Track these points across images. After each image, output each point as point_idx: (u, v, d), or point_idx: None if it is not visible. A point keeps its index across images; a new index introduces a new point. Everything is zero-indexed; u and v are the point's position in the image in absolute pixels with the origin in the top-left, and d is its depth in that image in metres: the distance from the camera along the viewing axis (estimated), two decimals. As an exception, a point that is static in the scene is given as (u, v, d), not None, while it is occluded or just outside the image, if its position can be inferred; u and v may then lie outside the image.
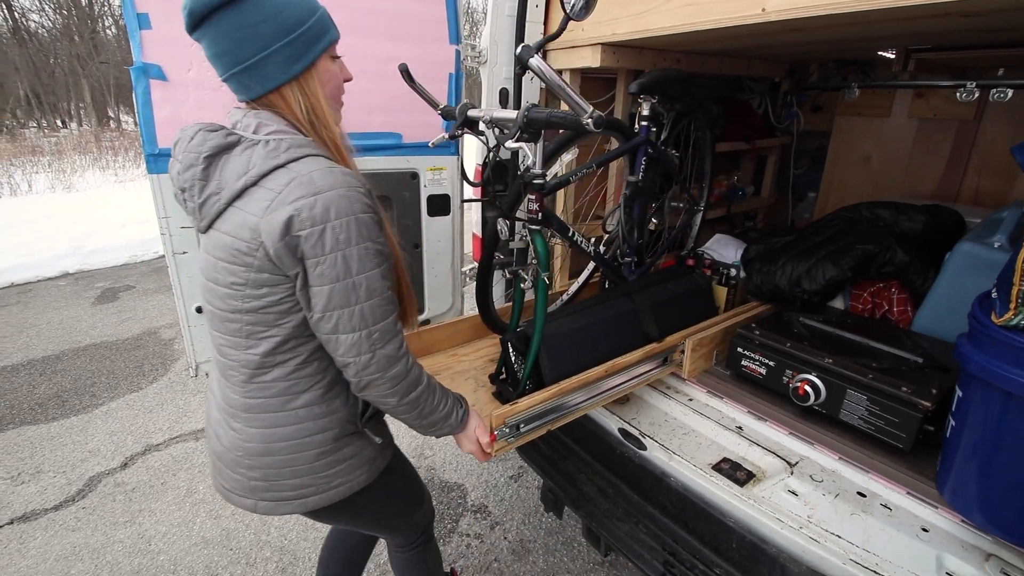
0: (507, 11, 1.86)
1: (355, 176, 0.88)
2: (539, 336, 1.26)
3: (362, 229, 0.85)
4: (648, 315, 1.49)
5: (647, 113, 1.59)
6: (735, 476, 1.27)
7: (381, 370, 0.90)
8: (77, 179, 9.71)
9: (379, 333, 0.88)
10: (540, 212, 1.20)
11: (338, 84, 0.97)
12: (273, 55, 0.86)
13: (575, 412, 1.32)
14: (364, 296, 0.86)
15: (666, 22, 1.54)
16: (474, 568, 1.92)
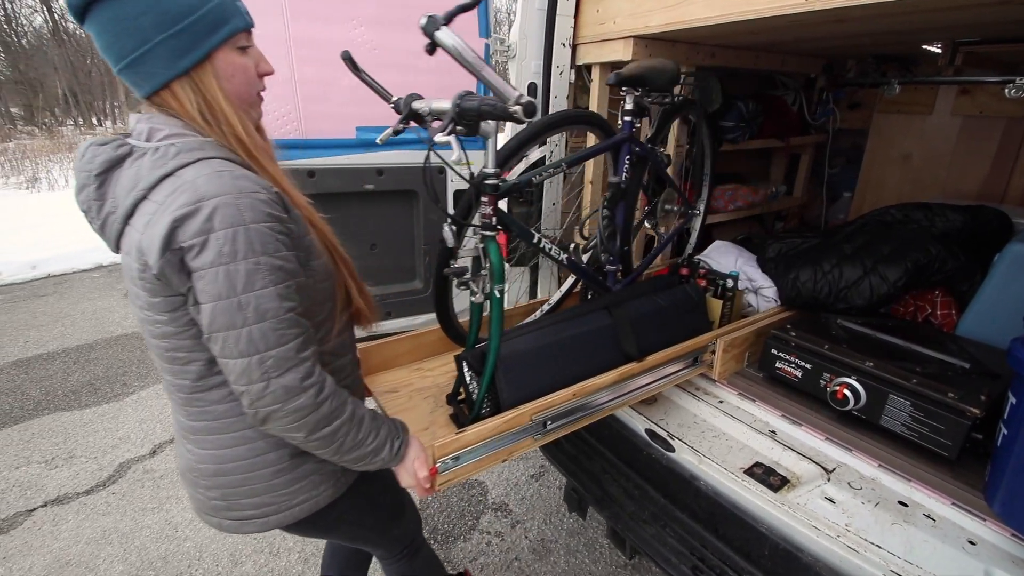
0: (537, 4, 1.84)
1: (255, 180, 0.78)
2: (495, 355, 1.13)
3: (252, 241, 0.75)
4: (627, 331, 1.33)
5: (630, 107, 1.47)
6: (768, 481, 1.23)
7: (278, 402, 0.79)
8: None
9: (273, 360, 0.78)
10: (494, 217, 1.10)
11: (248, 79, 0.86)
12: (155, 49, 0.77)
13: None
14: (253, 318, 0.76)
15: (703, 13, 1.50)
16: (495, 566, 1.90)
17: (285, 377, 0.79)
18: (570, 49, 1.93)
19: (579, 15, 1.90)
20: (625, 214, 1.54)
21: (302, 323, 0.82)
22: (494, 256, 1.09)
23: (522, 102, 0.86)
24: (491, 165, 1.06)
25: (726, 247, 1.93)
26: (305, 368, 0.81)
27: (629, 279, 1.64)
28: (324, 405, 0.83)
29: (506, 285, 1.14)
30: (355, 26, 1.60)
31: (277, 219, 0.78)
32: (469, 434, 1.02)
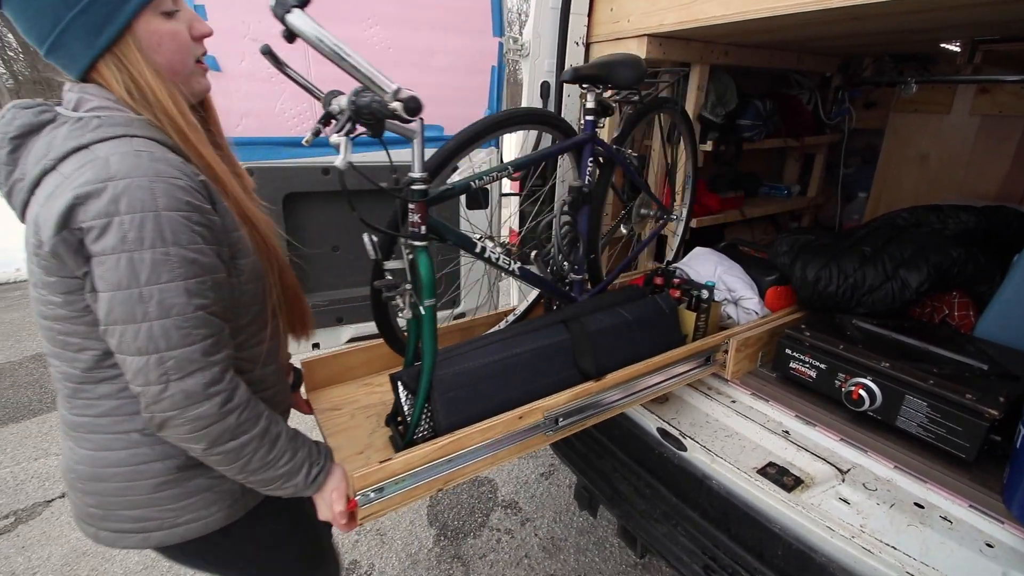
0: (551, 3, 1.84)
1: (176, 165, 0.72)
2: (428, 376, 1.04)
3: (163, 229, 0.68)
4: (585, 347, 1.22)
5: (592, 106, 1.39)
6: (782, 481, 1.22)
7: (176, 407, 0.72)
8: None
9: (175, 361, 0.71)
10: (423, 225, 1.01)
11: (180, 45, 0.78)
12: (70, 28, 0.71)
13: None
14: (155, 312, 0.69)
15: (718, 11, 1.50)
16: (505, 563, 1.91)
17: (187, 381, 0.72)
18: (583, 48, 1.93)
19: (593, 14, 1.91)
20: (590, 220, 1.45)
21: (214, 323, 0.75)
22: (423, 268, 1.01)
23: (402, 97, 0.79)
24: (418, 169, 0.97)
25: (706, 255, 1.81)
26: (212, 373, 0.74)
27: (597, 289, 1.55)
28: (231, 416, 0.76)
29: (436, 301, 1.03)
30: (370, 25, 1.61)
31: (196, 208, 0.72)
32: (395, 463, 0.91)
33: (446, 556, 1.94)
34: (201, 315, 0.73)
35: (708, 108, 1.96)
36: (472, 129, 1.20)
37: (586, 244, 1.46)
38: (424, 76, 1.72)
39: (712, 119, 1.96)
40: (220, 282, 0.77)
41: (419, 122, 0.90)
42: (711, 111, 1.96)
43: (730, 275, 1.70)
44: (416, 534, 2.05)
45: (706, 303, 1.49)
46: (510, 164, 1.24)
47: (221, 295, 0.77)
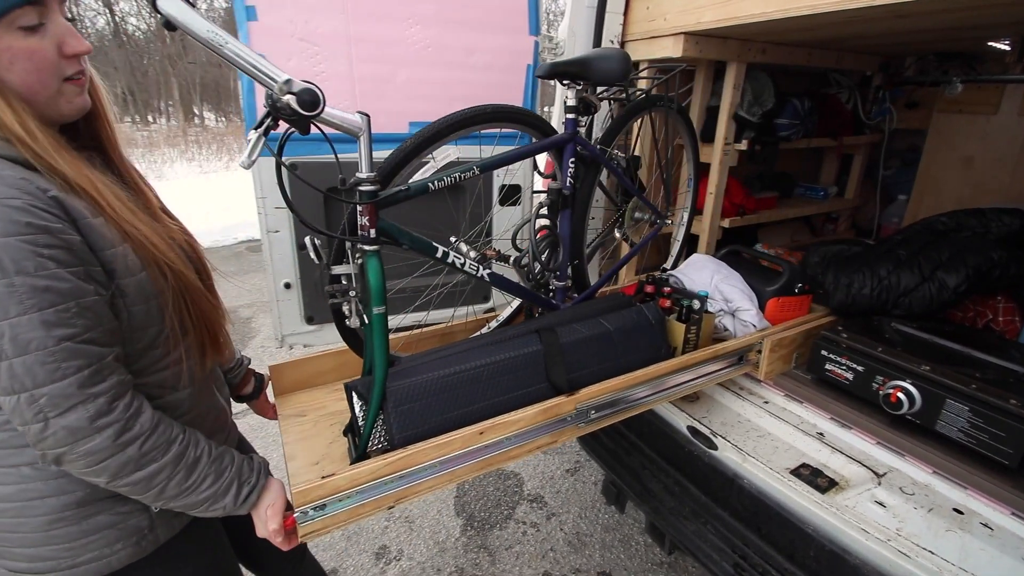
0: (587, 2, 1.86)
1: (12, 183, 0.64)
2: (380, 388, 0.98)
3: (3, 259, 0.61)
4: (557, 359, 1.14)
5: (573, 103, 1.31)
6: (815, 482, 1.22)
7: (63, 444, 0.67)
8: (167, 169, 10.52)
9: (47, 398, 0.65)
10: (372, 229, 0.96)
11: (39, 64, 0.69)
12: None
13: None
14: (11, 350, 0.63)
15: (758, 9, 1.49)
16: (530, 555, 1.93)
17: (68, 416, 0.67)
18: (618, 46, 1.94)
19: (628, 12, 1.91)
20: (572, 224, 1.38)
21: (88, 352, 0.68)
22: (372, 274, 0.96)
23: (294, 89, 0.72)
24: (365, 169, 0.92)
25: (703, 262, 1.70)
26: (96, 405, 0.68)
27: (582, 297, 1.49)
28: (131, 447, 0.71)
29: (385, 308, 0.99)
30: (411, 24, 1.65)
31: (42, 230, 0.64)
32: (339, 479, 0.86)
33: (472, 546, 1.98)
34: (67, 346, 0.66)
35: (744, 107, 1.94)
36: (433, 128, 1.14)
37: (568, 249, 1.38)
38: (462, 74, 1.75)
39: (748, 118, 1.94)
40: (90, 306, 0.69)
41: (364, 119, 0.86)
42: (747, 110, 1.94)
43: (727, 284, 1.60)
44: (443, 523, 2.09)
45: (697, 314, 1.40)
46: (475, 164, 1.15)
47: (97, 320, 0.70)
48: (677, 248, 1.99)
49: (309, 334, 1.81)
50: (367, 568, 1.89)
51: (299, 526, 0.85)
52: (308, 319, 1.78)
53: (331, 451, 1.12)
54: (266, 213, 1.62)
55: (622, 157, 1.61)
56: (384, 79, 1.67)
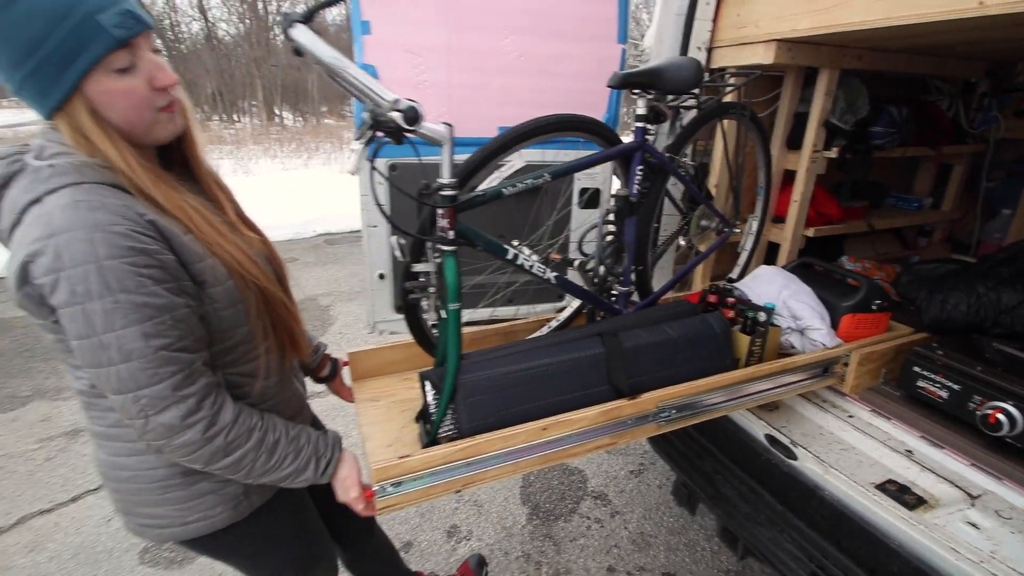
0: (676, 9, 1.88)
1: (114, 210, 0.71)
2: (452, 379, 1.06)
3: (108, 279, 0.70)
4: (618, 363, 1.17)
5: (643, 112, 1.33)
6: (903, 499, 1.20)
7: (162, 438, 0.78)
8: (253, 165, 11.31)
9: (147, 399, 0.75)
10: (451, 231, 1.02)
11: (135, 102, 0.76)
12: (23, 89, 0.72)
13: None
14: (117, 357, 0.73)
15: (858, 17, 1.47)
16: (594, 548, 1.98)
17: (164, 415, 0.76)
18: (706, 53, 1.95)
19: (718, 19, 1.92)
20: (637, 230, 1.40)
21: (180, 359, 0.77)
22: (449, 273, 1.03)
23: (400, 107, 0.81)
24: (447, 175, 0.98)
25: (771, 275, 1.63)
26: (187, 405, 0.78)
27: (644, 303, 1.50)
28: (218, 438, 0.81)
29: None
30: (505, 35, 1.75)
31: (141, 252, 0.72)
32: (414, 460, 0.95)
33: (538, 534, 2.06)
34: (163, 354, 0.75)
35: (836, 114, 1.90)
36: (501, 139, 1.19)
37: (632, 255, 1.41)
38: (550, 81, 1.83)
39: (840, 126, 1.90)
40: (182, 318, 0.78)
41: (448, 129, 0.93)
42: (839, 118, 1.90)
43: (796, 300, 1.52)
44: (510, 510, 2.18)
45: (763, 327, 1.37)
46: (547, 171, 1.20)
47: (188, 330, 0.79)
48: (744, 258, 1.97)
49: (397, 322, 1.95)
50: (439, 544, 2.02)
51: (376, 499, 0.95)
52: (397, 308, 1.92)
53: (403, 435, 1.20)
54: (367, 209, 1.77)
55: (690, 165, 1.62)
56: (478, 86, 1.78)
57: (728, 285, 1.63)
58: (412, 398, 1.32)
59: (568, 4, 1.77)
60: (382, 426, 1.23)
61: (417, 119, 0.83)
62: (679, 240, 1.73)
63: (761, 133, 1.79)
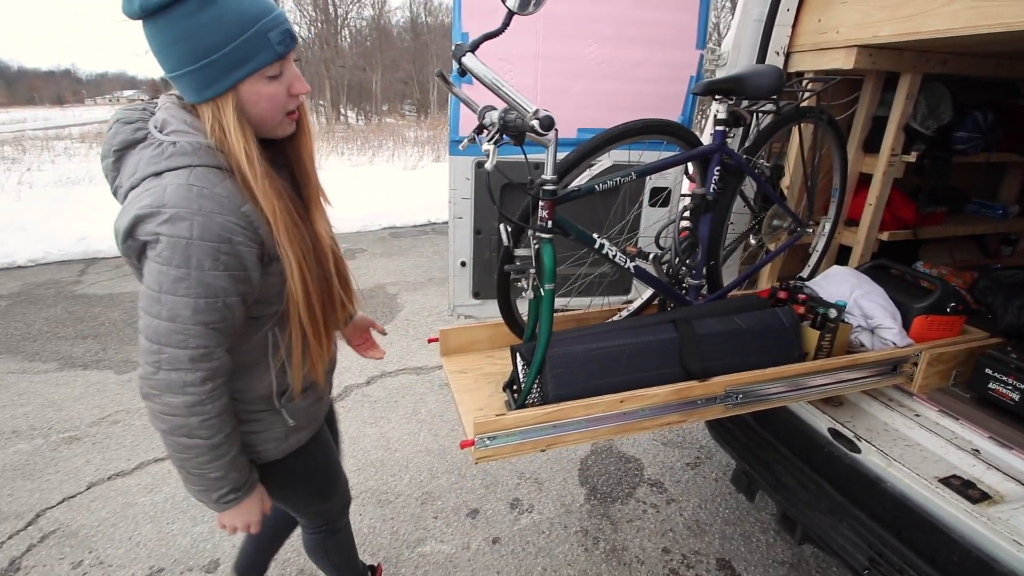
0: (755, 16, 1.94)
1: (220, 201, 0.84)
2: (542, 352, 1.18)
3: (191, 256, 0.83)
4: (692, 347, 1.27)
5: (723, 117, 1.43)
6: (966, 493, 1.24)
7: (158, 390, 0.88)
8: (325, 162, 11.96)
9: (168, 356, 0.86)
10: (550, 221, 1.15)
11: (275, 105, 0.91)
12: (184, 77, 0.84)
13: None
14: (166, 315, 0.85)
15: (943, 25, 1.49)
16: (650, 531, 2.08)
17: (172, 374, 0.87)
18: (783, 57, 1.99)
19: (798, 24, 1.96)
20: (711, 228, 1.49)
21: (211, 336, 0.88)
22: (546, 258, 1.15)
23: (539, 116, 0.95)
24: (549, 172, 1.11)
25: (843, 275, 1.67)
26: (193, 376, 0.88)
27: (714, 296, 1.59)
28: (194, 418, 0.90)
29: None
30: (590, 43, 1.87)
31: (227, 240, 0.85)
32: (508, 418, 1.09)
33: (596, 513, 2.17)
34: (200, 328, 0.86)
35: (917, 120, 1.90)
36: (595, 141, 1.32)
37: (705, 251, 1.50)
38: (629, 86, 1.94)
39: (921, 131, 1.90)
40: (232, 305, 0.89)
41: (553, 133, 1.03)
42: (921, 123, 1.90)
43: (868, 300, 1.56)
44: (569, 489, 2.31)
45: (833, 323, 1.42)
46: (633, 170, 1.32)
47: (231, 315, 0.90)
48: (816, 258, 1.99)
49: (474, 307, 2.12)
50: (503, 513, 2.17)
51: (475, 449, 1.09)
52: (475, 294, 2.09)
53: (490, 403, 1.34)
54: (455, 202, 1.94)
55: (766, 166, 1.69)
56: (561, 91, 1.91)
57: (799, 283, 1.67)
58: (495, 372, 1.47)
59: (650, 12, 1.87)
60: (471, 394, 1.38)
61: (551, 126, 0.95)
62: (749, 239, 1.80)
63: (838, 136, 1.82)
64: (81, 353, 3.63)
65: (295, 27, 0.93)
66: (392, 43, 28.67)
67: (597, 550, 2.00)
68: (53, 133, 18.22)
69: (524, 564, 1.95)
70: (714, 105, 1.52)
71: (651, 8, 1.87)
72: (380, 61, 27.12)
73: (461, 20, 1.74)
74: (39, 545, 2.05)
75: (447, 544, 2.04)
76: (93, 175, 9.81)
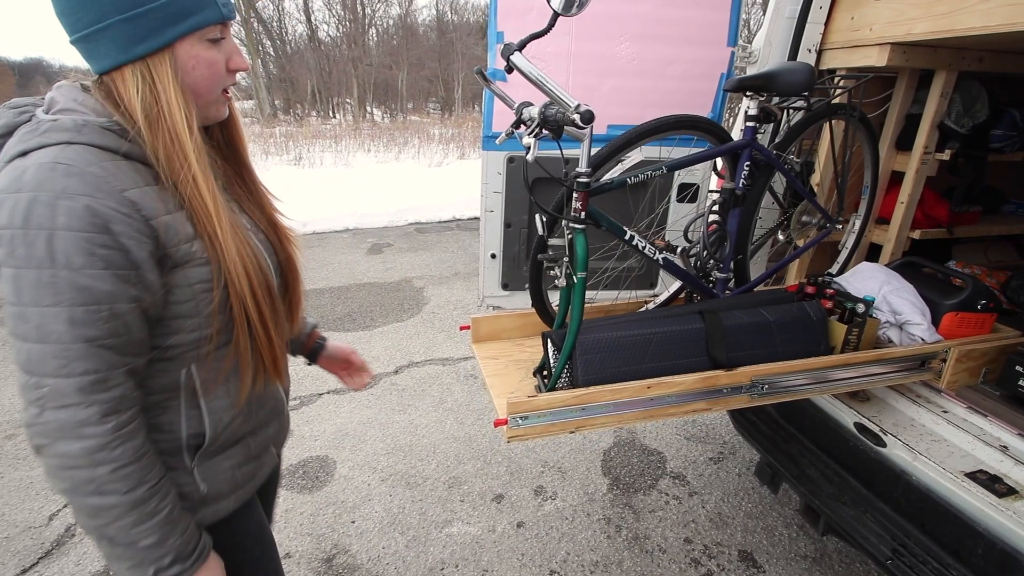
0: (787, 13, 1.95)
1: (94, 182, 0.65)
2: (573, 338, 1.21)
3: (55, 250, 0.63)
4: (718, 337, 1.29)
5: (754, 112, 1.46)
6: (993, 487, 1.25)
7: (48, 437, 0.67)
8: (351, 158, 12.18)
9: (49, 390, 0.66)
10: (583, 212, 1.18)
11: (213, 73, 0.77)
12: (110, 30, 0.68)
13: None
14: (34, 335, 0.65)
15: (978, 22, 1.49)
16: (672, 521, 2.12)
17: (60, 413, 0.66)
18: (815, 55, 2.00)
19: (830, 22, 1.96)
20: (740, 222, 1.51)
21: (101, 358, 0.68)
22: (579, 247, 1.18)
23: (580, 111, 0.96)
24: (584, 165, 1.13)
25: (872, 271, 1.67)
26: (88, 413, 0.67)
27: (741, 290, 1.61)
28: (102, 467, 0.68)
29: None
30: (621, 41, 1.91)
31: (104, 229, 0.65)
32: (540, 400, 1.14)
33: (618, 503, 2.22)
34: (82, 347, 0.66)
35: (952, 118, 1.89)
36: (627, 135, 1.35)
37: (733, 245, 1.53)
38: (659, 83, 1.97)
39: (956, 129, 1.89)
40: (122, 313, 0.68)
41: (590, 127, 1.04)
42: (955, 121, 1.89)
43: (897, 296, 1.56)
44: (592, 478, 2.36)
45: (860, 317, 1.43)
46: (664, 164, 1.36)
47: (124, 328, 0.69)
48: (845, 255, 2.00)
49: (503, 298, 2.18)
50: (527, 499, 2.24)
51: (508, 428, 1.13)
52: (504, 285, 2.15)
53: (521, 387, 1.38)
54: (486, 196, 2.00)
55: (796, 162, 1.70)
56: (592, 88, 1.95)
57: (827, 278, 1.68)
58: (525, 359, 1.51)
59: (681, 10, 1.90)
60: (502, 378, 1.43)
61: (591, 120, 0.98)
62: (778, 234, 1.82)
63: (870, 133, 1.82)
64: None
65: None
66: (418, 41, 29.05)
67: (619, 537, 2.05)
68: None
69: (548, 548, 2.00)
70: (745, 101, 1.55)
71: (682, 6, 1.90)
72: (406, 59, 27.45)
73: (497, 19, 1.80)
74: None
75: (473, 526, 2.11)
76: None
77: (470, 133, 15.12)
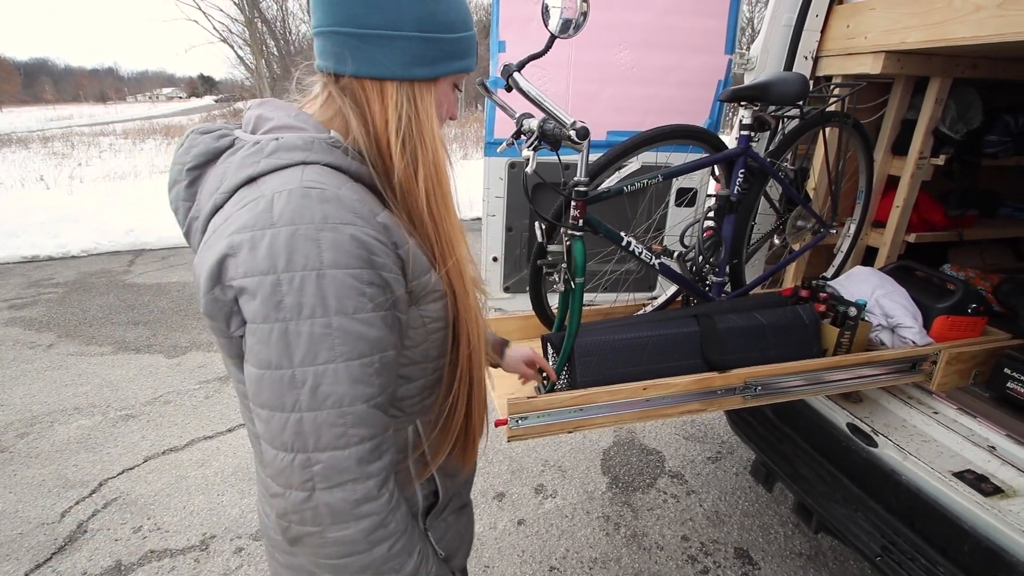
0: (784, 21, 1.99)
1: (349, 205, 0.57)
2: (570, 341, 1.25)
3: (327, 294, 0.54)
4: (712, 339, 1.33)
5: (748, 122, 1.49)
6: (979, 486, 1.29)
7: (319, 524, 0.58)
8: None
9: (322, 466, 0.56)
10: (581, 219, 1.22)
11: (443, 115, 0.73)
12: (399, 40, 0.62)
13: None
14: (306, 402, 0.55)
15: (970, 32, 1.52)
16: (670, 519, 2.16)
17: (335, 493, 0.57)
18: (812, 61, 2.03)
19: (826, 30, 2.00)
20: (735, 228, 1.56)
21: (376, 420, 0.59)
22: (577, 253, 1.22)
23: (576, 127, 1.00)
24: (582, 175, 1.18)
25: (865, 275, 1.71)
26: (366, 488, 0.58)
27: (736, 293, 1.65)
28: (380, 546, 0.60)
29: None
30: (620, 50, 1.95)
31: (368, 263, 0.57)
32: (539, 400, 1.18)
33: (617, 501, 2.26)
34: (361, 409, 0.57)
35: (947, 124, 1.92)
36: (626, 144, 1.39)
37: (728, 250, 1.57)
38: (658, 90, 2.01)
39: (950, 135, 1.92)
40: (389, 363, 0.61)
41: (585, 143, 1.09)
42: (950, 127, 1.92)
43: (889, 300, 1.59)
44: (591, 477, 2.40)
45: (853, 320, 1.46)
46: (661, 172, 1.40)
47: (390, 380, 0.62)
48: (840, 259, 2.04)
49: (504, 300, 2.23)
50: (528, 497, 2.28)
51: (508, 428, 1.17)
52: (505, 288, 2.20)
53: (522, 390, 1.39)
54: (488, 201, 2.05)
55: (790, 168, 1.74)
56: (592, 95, 1.99)
57: (821, 282, 1.71)
58: (529, 362, 1.58)
59: (680, 18, 1.94)
60: (503, 381, 1.46)
61: (586, 136, 1.03)
62: (773, 239, 1.86)
63: (864, 140, 1.86)
64: (133, 338, 3.87)
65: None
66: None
67: (618, 535, 2.09)
68: (99, 129, 19.08)
69: (548, 545, 2.05)
70: (740, 111, 1.59)
71: (681, 15, 1.94)
72: (409, 59, 27.53)
73: (499, 29, 1.84)
74: (103, 511, 2.24)
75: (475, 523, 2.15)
76: (138, 170, 10.29)
77: (473, 133, 15.14)
